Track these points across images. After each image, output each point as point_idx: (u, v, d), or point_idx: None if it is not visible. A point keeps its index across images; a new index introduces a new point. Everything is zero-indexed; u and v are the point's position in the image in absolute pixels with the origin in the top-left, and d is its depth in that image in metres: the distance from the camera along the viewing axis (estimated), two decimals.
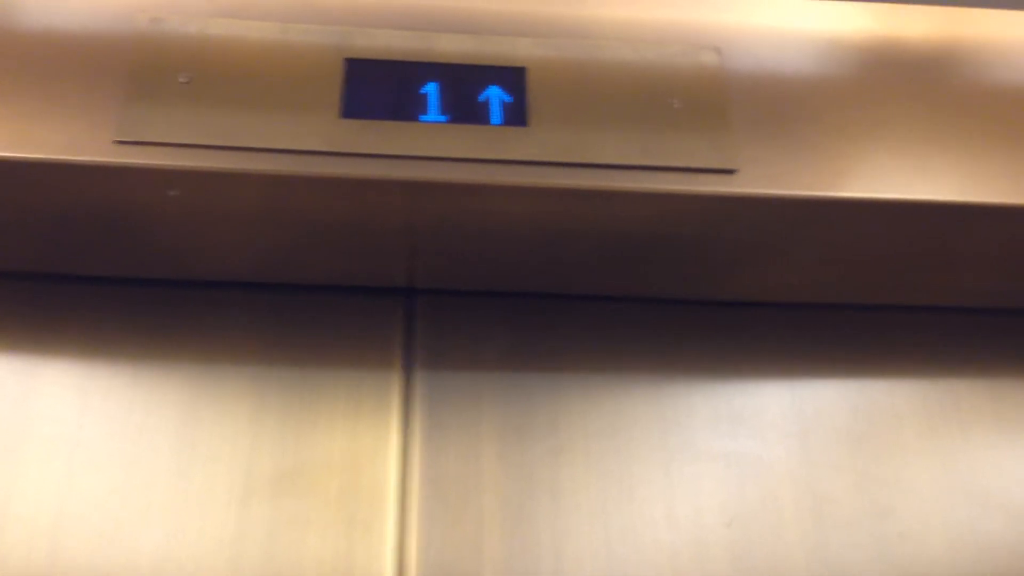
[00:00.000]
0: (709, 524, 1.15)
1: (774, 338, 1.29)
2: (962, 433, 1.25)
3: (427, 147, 1.07)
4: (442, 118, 1.09)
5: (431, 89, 1.11)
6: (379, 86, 1.10)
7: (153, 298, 1.21)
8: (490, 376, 1.22)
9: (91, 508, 1.09)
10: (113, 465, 1.11)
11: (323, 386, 1.18)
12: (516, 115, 1.10)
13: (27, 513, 1.08)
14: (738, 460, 1.20)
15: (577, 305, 1.27)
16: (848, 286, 1.26)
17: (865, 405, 1.26)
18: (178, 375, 1.17)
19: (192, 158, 1.04)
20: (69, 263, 1.19)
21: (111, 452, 1.12)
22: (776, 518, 1.17)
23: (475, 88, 1.11)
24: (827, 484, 1.19)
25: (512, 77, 1.12)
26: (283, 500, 1.11)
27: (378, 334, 1.22)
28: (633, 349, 1.26)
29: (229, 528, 1.09)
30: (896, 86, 1.19)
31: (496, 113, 1.10)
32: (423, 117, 1.09)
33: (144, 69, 1.07)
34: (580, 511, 1.14)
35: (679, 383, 1.24)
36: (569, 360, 1.24)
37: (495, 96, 1.11)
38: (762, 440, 1.22)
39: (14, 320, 1.19)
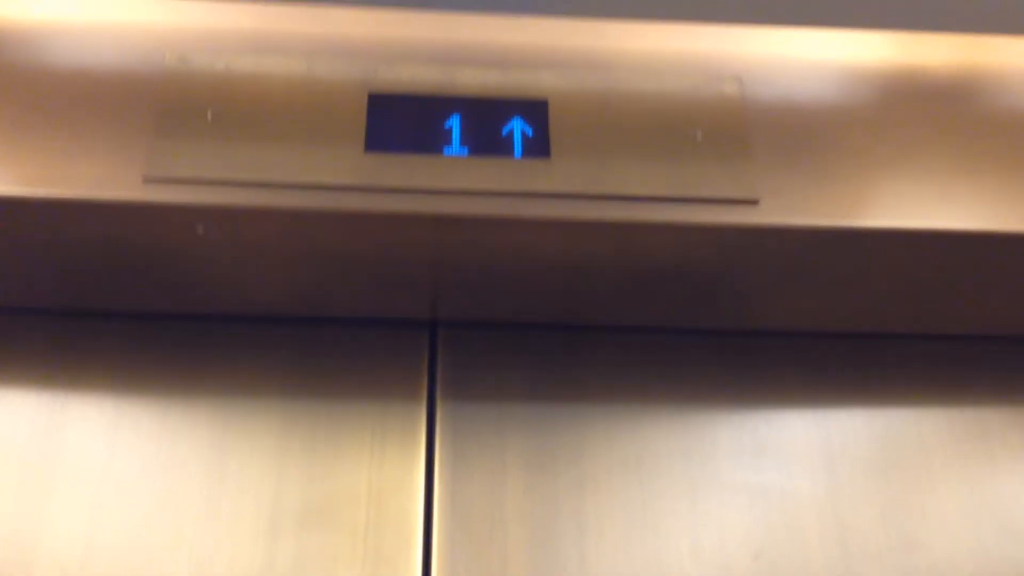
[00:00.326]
0: (735, 556, 1.14)
1: (798, 368, 1.28)
2: (990, 462, 1.24)
3: (450, 180, 1.07)
4: (465, 151, 1.10)
5: (454, 122, 1.12)
6: (403, 120, 1.11)
7: (181, 333, 1.22)
8: (514, 408, 1.21)
9: (120, 541, 1.09)
10: (142, 498, 1.12)
11: (349, 419, 1.18)
12: (539, 147, 1.11)
13: (57, 546, 1.08)
14: (763, 491, 1.19)
15: (599, 336, 1.27)
16: (872, 315, 1.26)
17: (891, 435, 1.24)
18: (206, 409, 1.17)
19: (220, 195, 1.05)
20: (96, 299, 1.20)
21: (140, 485, 1.12)
22: (802, 550, 1.15)
23: (498, 121, 1.12)
24: (853, 515, 1.18)
25: (534, 110, 1.13)
26: (310, 533, 1.11)
27: (403, 366, 1.22)
28: (656, 380, 1.25)
29: (257, 561, 1.08)
30: (918, 115, 1.18)
31: (519, 146, 1.11)
32: (447, 150, 1.10)
33: (172, 106, 1.09)
34: (605, 543, 1.14)
35: (703, 414, 1.24)
36: (592, 391, 1.24)
37: (518, 129, 1.12)
38: (787, 471, 1.21)
39: (44, 355, 1.19)
